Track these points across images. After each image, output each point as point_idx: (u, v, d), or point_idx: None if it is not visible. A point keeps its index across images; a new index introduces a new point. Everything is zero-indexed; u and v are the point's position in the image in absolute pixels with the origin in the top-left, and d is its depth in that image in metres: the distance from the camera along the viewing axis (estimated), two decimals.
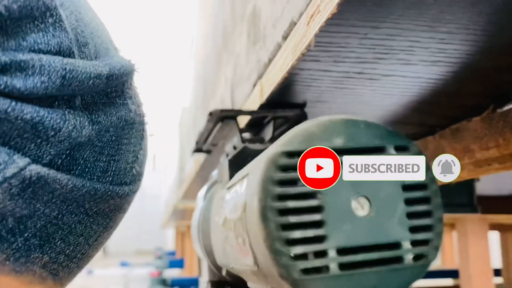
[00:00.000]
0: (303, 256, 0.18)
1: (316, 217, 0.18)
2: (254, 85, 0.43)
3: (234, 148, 0.38)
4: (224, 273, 0.36)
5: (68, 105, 0.21)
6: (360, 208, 0.19)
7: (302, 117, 0.40)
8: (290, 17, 0.32)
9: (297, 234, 0.18)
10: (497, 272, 2.12)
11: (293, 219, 0.18)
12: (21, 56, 0.19)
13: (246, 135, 0.40)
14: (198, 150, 0.48)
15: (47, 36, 0.20)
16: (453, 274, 2.38)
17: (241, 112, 0.39)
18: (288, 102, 0.40)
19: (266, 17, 0.38)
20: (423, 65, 0.32)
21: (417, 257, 0.19)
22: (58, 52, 0.20)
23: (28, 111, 0.19)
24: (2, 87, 0.18)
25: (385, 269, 0.19)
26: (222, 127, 0.39)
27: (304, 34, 0.29)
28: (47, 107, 0.20)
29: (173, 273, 3.03)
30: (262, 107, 0.41)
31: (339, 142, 0.19)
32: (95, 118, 0.22)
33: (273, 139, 0.39)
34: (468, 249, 1.79)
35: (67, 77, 0.20)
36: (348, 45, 0.29)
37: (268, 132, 0.39)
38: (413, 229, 0.19)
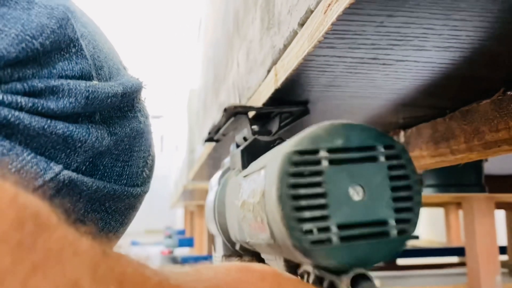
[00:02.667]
0: (311, 231, 0.23)
1: (321, 201, 0.23)
2: (269, 71, 0.44)
3: (245, 139, 0.42)
4: (237, 247, 0.40)
5: (90, 120, 0.25)
6: (356, 194, 0.24)
7: (305, 112, 0.45)
8: (306, 5, 0.32)
9: (307, 214, 0.23)
10: (503, 250, 2.15)
11: (303, 203, 0.23)
12: (53, 82, 0.23)
13: (255, 127, 0.44)
14: (209, 139, 0.53)
15: (71, 63, 0.24)
16: (459, 251, 2.41)
17: (251, 108, 0.43)
18: (293, 100, 0.45)
19: (281, 4, 0.39)
20: (436, 50, 0.33)
21: (400, 232, 0.24)
22: (81, 77, 0.24)
23: (60, 127, 0.23)
24: (39, 108, 0.22)
25: (375, 241, 0.24)
26: (233, 121, 0.44)
27: (321, 22, 0.30)
28: (74, 123, 0.24)
29: (183, 252, 3.10)
30: (277, 92, 0.42)
31: (339, 142, 0.24)
32: (113, 130, 0.26)
33: (279, 131, 0.44)
34: (475, 228, 1.81)
35: (90, 97, 0.24)
36: (364, 33, 0.30)
37: (274, 125, 0.44)
38: (397, 210, 0.24)
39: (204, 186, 1.72)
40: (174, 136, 3.60)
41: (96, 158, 0.25)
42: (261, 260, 0.34)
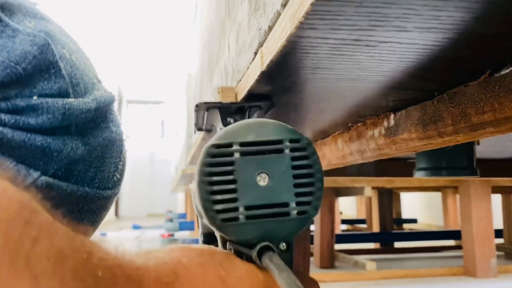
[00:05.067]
0: (223, 211, 0.27)
1: (231, 186, 0.27)
2: (256, 53, 0.44)
3: (221, 129, 0.45)
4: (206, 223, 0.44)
5: (66, 132, 0.28)
6: (262, 180, 0.28)
7: (271, 106, 0.50)
8: None
9: (219, 197, 0.27)
10: (499, 233, 2.17)
11: (216, 188, 0.27)
12: (33, 101, 0.26)
13: (231, 119, 0.48)
14: (199, 129, 0.57)
15: (50, 83, 0.27)
16: (456, 235, 2.43)
17: (221, 104, 0.48)
18: (260, 94, 0.49)
19: None
20: (418, 31, 0.33)
21: (300, 213, 0.28)
22: (59, 94, 0.28)
23: (39, 139, 0.26)
24: (21, 124, 0.26)
25: (277, 220, 0.28)
26: (213, 113, 0.49)
27: (301, 3, 0.30)
28: (51, 135, 0.27)
29: (184, 235, 3.14)
30: (263, 74, 0.42)
31: (251, 137, 0.28)
32: (87, 140, 0.30)
33: None
34: (471, 211, 1.83)
35: (66, 113, 0.27)
36: (344, 13, 0.30)
37: (246, 117, 0.49)
38: (298, 194, 0.28)
39: None
40: (174, 121, 3.60)
41: (71, 165, 0.28)
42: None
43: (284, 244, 0.29)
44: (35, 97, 0.26)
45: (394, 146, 0.59)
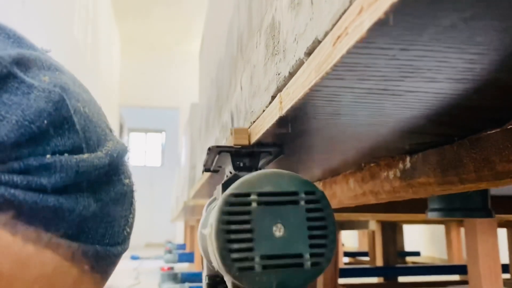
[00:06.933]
0: (239, 260, 0.28)
1: (247, 236, 0.28)
2: (273, 97, 0.43)
3: (231, 173, 0.48)
4: (216, 268, 0.45)
5: (78, 188, 0.27)
6: (278, 231, 0.29)
7: (281, 152, 0.52)
8: (314, 35, 0.31)
9: (235, 246, 0.28)
10: (505, 268, 2.11)
11: (233, 236, 0.28)
12: (46, 160, 0.25)
13: (240, 162, 0.50)
14: (207, 170, 0.58)
15: (64, 139, 0.26)
16: (460, 269, 2.37)
17: (233, 148, 0.48)
18: (270, 143, 0.51)
19: (286, 31, 0.38)
20: (448, 82, 0.32)
21: (313, 264, 0.29)
22: (72, 150, 0.27)
23: (51, 200, 0.25)
24: (33, 185, 0.24)
25: (291, 270, 0.28)
26: (223, 155, 0.50)
27: (329, 54, 0.29)
28: (63, 194, 0.26)
29: (183, 267, 3.05)
30: (281, 119, 0.41)
31: (268, 188, 0.30)
32: (99, 197, 0.29)
33: (257, 168, 0.51)
34: (477, 247, 1.78)
35: (79, 171, 0.26)
36: (375, 65, 0.29)
37: (256, 162, 0.51)
38: (312, 246, 0.29)
39: (204, 202, 1.70)
40: (175, 150, 3.59)
41: (82, 222, 0.27)
42: None
43: None
44: (48, 156, 0.25)
45: (411, 189, 0.57)
